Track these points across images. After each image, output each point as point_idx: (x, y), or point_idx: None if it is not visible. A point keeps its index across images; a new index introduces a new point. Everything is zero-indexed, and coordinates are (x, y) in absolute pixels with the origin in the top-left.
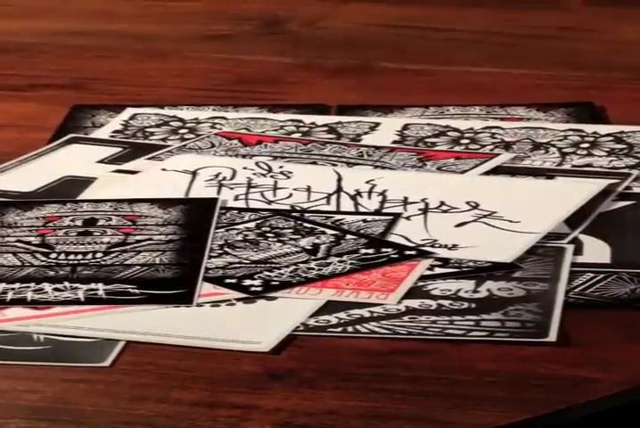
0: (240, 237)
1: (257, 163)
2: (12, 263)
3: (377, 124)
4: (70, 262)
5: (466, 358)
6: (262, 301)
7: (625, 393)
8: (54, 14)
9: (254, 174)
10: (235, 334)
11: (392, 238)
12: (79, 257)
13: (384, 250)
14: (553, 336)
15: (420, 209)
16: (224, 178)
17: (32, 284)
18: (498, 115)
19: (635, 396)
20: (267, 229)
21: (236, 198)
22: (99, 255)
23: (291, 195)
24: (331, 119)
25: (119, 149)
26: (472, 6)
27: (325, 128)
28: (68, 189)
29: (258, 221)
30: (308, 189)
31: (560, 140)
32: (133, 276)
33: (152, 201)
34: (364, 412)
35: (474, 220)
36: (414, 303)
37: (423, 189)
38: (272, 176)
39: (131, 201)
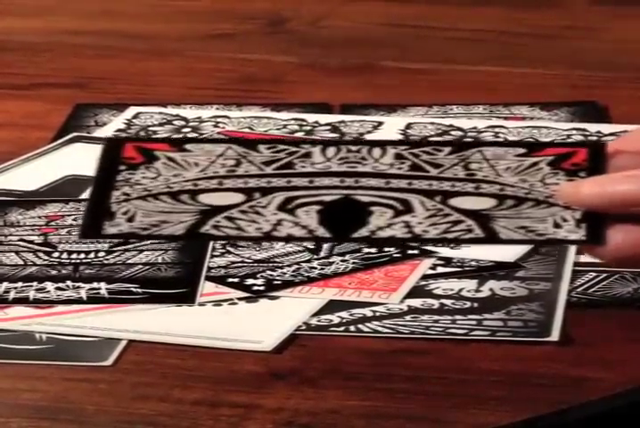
0: None
1: None
2: (15, 262)
3: (380, 123)
4: (73, 261)
5: (468, 357)
6: (264, 301)
7: (627, 393)
8: (57, 13)
9: None
10: (237, 333)
11: None
12: (82, 256)
13: (386, 249)
14: (555, 336)
15: None
16: None
17: (34, 283)
18: (502, 114)
19: (637, 395)
20: None
21: None
22: (101, 254)
23: None
24: (334, 117)
25: None
26: (476, 5)
27: (328, 127)
28: (70, 188)
29: None
30: None
31: (563, 139)
32: (135, 275)
33: None
34: (366, 411)
35: None
36: (417, 302)
37: None
38: None
39: None
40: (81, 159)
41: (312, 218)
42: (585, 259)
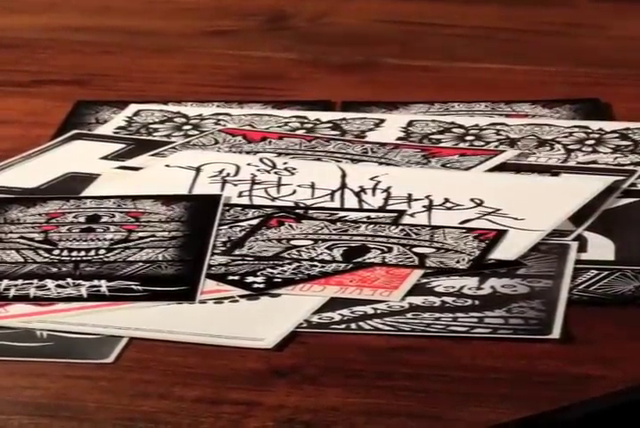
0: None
1: (261, 159)
2: (15, 259)
3: (382, 120)
4: (73, 259)
5: (469, 354)
6: (265, 298)
7: (628, 390)
8: (58, 10)
9: (258, 170)
10: (238, 331)
11: None
12: (82, 253)
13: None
14: (556, 333)
15: (424, 206)
16: (227, 175)
17: (35, 281)
18: (503, 112)
19: (638, 393)
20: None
21: (240, 194)
22: (102, 252)
23: (294, 192)
24: (335, 115)
25: (123, 145)
26: (478, 2)
27: (330, 125)
28: (71, 185)
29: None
30: (312, 186)
31: (565, 137)
32: (136, 273)
33: (156, 198)
34: (367, 409)
35: (478, 217)
36: (418, 300)
37: (428, 186)
38: (276, 173)
39: (134, 198)
40: (82, 156)
41: None
42: (586, 256)
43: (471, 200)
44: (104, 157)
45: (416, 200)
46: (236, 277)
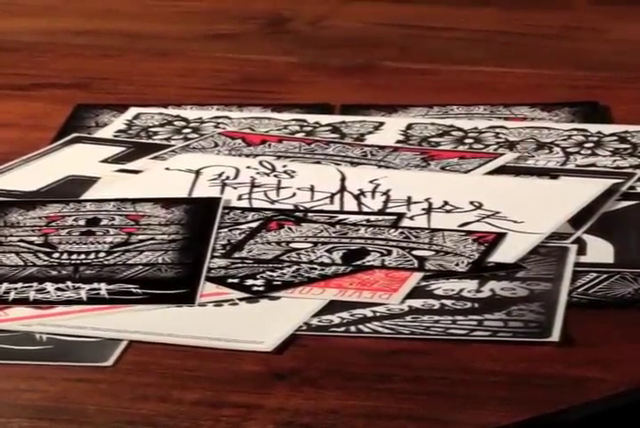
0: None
1: (260, 162)
2: (15, 263)
3: (381, 123)
4: (73, 262)
5: (469, 357)
6: (265, 301)
7: (627, 393)
8: (58, 13)
9: (257, 173)
10: (238, 334)
11: None
12: (82, 256)
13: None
14: (555, 336)
15: (423, 209)
16: (227, 178)
17: (35, 284)
18: (502, 115)
19: (637, 396)
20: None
21: (239, 197)
22: (102, 255)
23: (294, 195)
24: (334, 118)
25: (123, 148)
26: (477, 5)
27: (329, 128)
28: (71, 188)
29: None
30: (312, 188)
31: (564, 140)
32: (135, 276)
33: (155, 201)
34: (366, 411)
35: (478, 220)
36: (417, 303)
37: (427, 189)
38: (275, 176)
39: (134, 201)
40: (82, 159)
41: None
42: (585, 259)
43: (471, 202)
44: (104, 160)
45: (416, 202)
46: (236, 280)
